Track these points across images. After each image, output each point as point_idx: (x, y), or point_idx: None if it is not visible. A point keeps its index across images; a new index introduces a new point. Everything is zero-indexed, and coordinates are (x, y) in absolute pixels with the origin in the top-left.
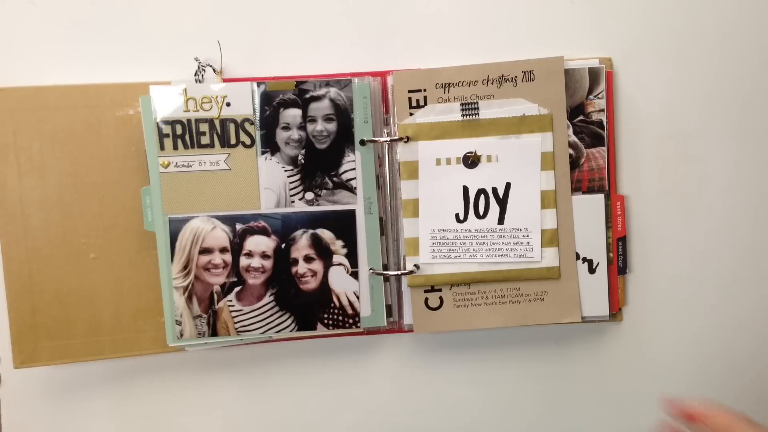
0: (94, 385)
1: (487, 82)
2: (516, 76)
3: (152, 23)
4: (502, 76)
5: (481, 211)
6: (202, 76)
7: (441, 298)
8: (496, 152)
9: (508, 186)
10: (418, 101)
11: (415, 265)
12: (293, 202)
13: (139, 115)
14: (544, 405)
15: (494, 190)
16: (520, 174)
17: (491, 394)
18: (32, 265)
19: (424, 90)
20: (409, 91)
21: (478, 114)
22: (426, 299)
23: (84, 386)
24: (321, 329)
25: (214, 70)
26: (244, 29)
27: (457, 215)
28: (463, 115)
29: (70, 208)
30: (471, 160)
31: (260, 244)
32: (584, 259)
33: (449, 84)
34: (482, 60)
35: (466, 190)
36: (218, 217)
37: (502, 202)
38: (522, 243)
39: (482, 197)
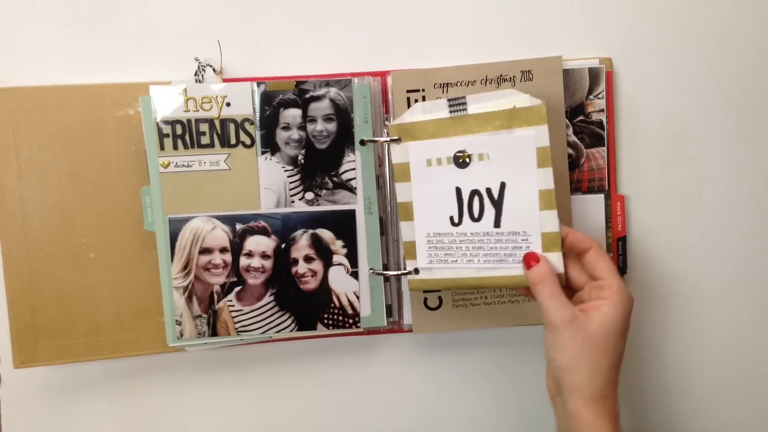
0: (94, 385)
1: (486, 81)
2: (514, 76)
3: (152, 23)
4: (501, 75)
5: (476, 213)
6: (202, 76)
7: (440, 298)
8: (487, 150)
9: (502, 186)
10: (416, 101)
11: (414, 269)
12: (293, 202)
13: (139, 115)
14: (544, 405)
15: (488, 190)
16: (515, 172)
17: (491, 394)
18: (32, 265)
19: (423, 90)
20: (408, 91)
21: (466, 109)
22: (425, 299)
23: (84, 386)
24: (321, 329)
25: (214, 70)
26: (244, 29)
27: (451, 218)
28: (450, 112)
29: (70, 208)
30: (461, 160)
31: (260, 244)
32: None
33: (447, 84)
34: (483, 60)
35: (459, 191)
36: (218, 217)
37: (497, 204)
38: (521, 248)
39: (476, 199)
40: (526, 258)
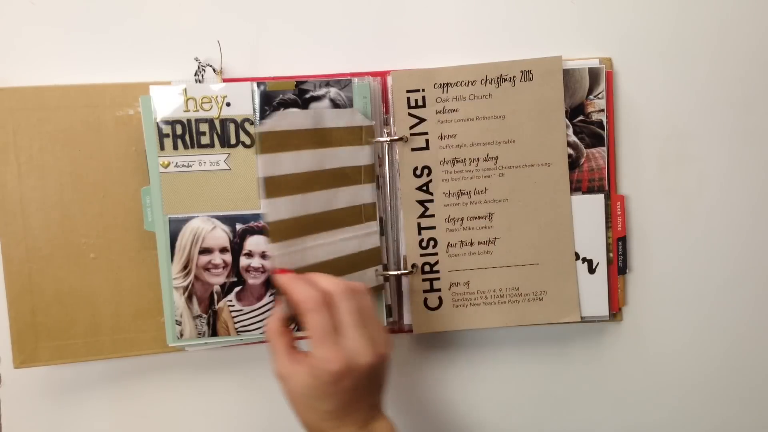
0: (94, 385)
1: (486, 81)
2: (514, 76)
3: (152, 23)
4: (501, 75)
5: None
6: (202, 76)
7: (440, 298)
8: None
9: None
10: (417, 101)
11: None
12: None
13: (139, 115)
14: (544, 405)
15: None
16: None
17: (491, 394)
18: (32, 265)
19: (423, 90)
20: (408, 91)
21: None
22: (425, 299)
23: (84, 386)
24: None
25: (214, 70)
26: (244, 29)
27: None
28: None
29: (70, 208)
30: None
31: (260, 244)
32: (584, 259)
33: (448, 84)
34: (483, 60)
35: None
36: (218, 217)
37: None
38: None
39: None
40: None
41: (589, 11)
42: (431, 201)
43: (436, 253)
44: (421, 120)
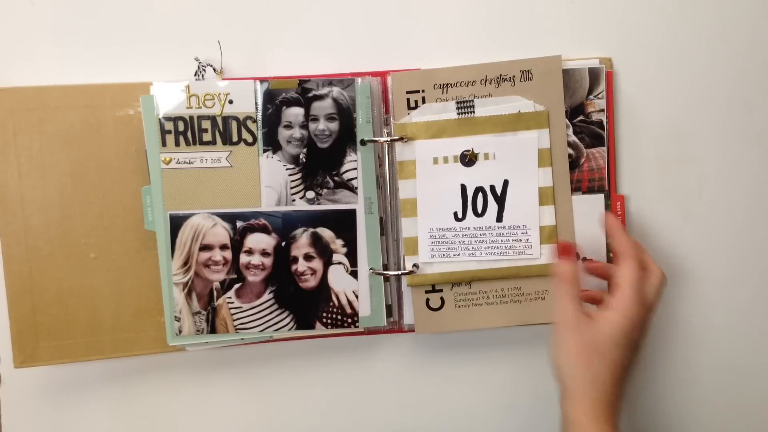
0: (94, 385)
1: (485, 82)
2: (514, 76)
3: (152, 23)
4: (500, 75)
5: (480, 209)
6: (203, 75)
7: (442, 299)
8: (493, 150)
9: (506, 183)
10: (416, 102)
11: (414, 265)
12: (294, 200)
13: (140, 115)
14: (544, 405)
15: (492, 188)
16: (517, 171)
17: (491, 394)
18: (32, 265)
19: (422, 91)
20: (407, 92)
21: (474, 112)
22: (427, 300)
23: (84, 386)
24: (320, 328)
25: (214, 70)
26: (244, 30)
27: (455, 214)
28: (459, 113)
29: (70, 208)
30: (468, 159)
31: (260, 241)
32: (584, 259)
33: (447, 84)
34: (483, 60)
35: (464, 188)
36: (219, 214)
37: (500, 200)
38: (521, 240)
39: (480, 195)
40: (561, 247)
41: (589, 11)
42: None
43: None
44: None
